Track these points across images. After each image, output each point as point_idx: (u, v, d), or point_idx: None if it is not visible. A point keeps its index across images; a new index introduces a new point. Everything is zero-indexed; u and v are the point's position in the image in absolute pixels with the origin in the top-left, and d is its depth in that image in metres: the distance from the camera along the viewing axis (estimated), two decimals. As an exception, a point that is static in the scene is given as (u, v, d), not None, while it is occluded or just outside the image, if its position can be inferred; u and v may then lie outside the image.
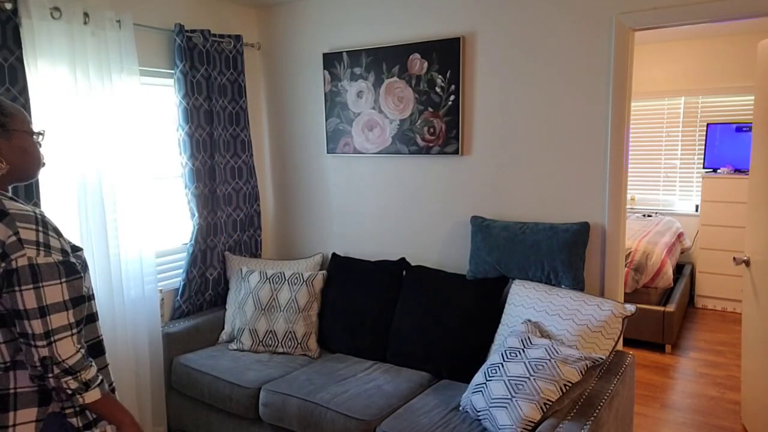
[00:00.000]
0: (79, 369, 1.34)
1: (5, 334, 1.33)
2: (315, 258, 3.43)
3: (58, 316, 1.31)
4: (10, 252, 1.27)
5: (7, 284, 1.26)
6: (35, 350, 1.28)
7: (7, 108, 1.43)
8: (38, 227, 1.34)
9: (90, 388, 1.36)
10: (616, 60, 2.57)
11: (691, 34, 5.30)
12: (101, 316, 2.79)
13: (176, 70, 3.11)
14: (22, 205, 1.38)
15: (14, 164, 1.45)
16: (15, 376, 1.35)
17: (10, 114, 1.44)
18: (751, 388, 3.00)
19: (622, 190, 2.66)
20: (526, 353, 2.21)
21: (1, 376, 1.33)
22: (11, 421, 1.33)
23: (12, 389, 1.34)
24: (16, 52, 2.42)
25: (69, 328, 1.33)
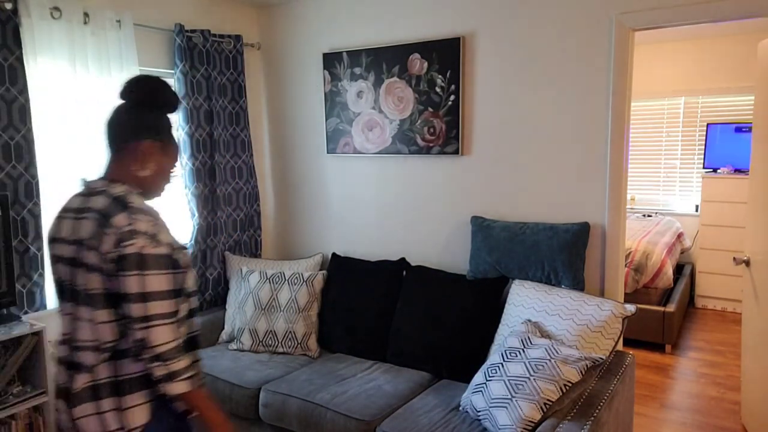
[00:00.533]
0: (169, 358, 1.39)
1: (112, 315, 1.42)
2: (315, 258, 3.43)
3: (157, 304, 1.38)
4: (124, 239, 1.37)
5: (119, 268, 1.37)
6: (132, 332, 1.38)
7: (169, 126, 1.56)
8: (152, 220, 1.44)
9: (175, 379, 1.40)
10: (616, 60, 2.57)
11: (691, 34, 5.30)
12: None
13: (176, 70, 3.11)
14: (144, 202, 1.49)
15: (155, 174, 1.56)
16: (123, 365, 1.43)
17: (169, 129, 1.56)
18: (751, 388, 3.00)
19: (622, 190, 2.66)
20: (526, 353, 2.21)
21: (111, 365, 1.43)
22: (126, 404, 1.43)
23: (122, 376, 1.43)
24: (16, 52, 2.42)
25: (165, 317, 1.40)
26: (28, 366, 2.37)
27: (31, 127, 2.48)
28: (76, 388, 1.43)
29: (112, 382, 1.44)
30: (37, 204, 2.51)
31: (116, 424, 1.43)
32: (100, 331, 1.42)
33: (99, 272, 1.39)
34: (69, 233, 1.46)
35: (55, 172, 2.62)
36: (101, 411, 1.42)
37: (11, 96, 2.42)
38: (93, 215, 1.42)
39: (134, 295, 1.36)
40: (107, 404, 1.43)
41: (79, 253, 1.42)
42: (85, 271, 1.41)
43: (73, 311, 1.46)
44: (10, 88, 2.41)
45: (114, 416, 1.43)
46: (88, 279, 1.41)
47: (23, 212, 2.48)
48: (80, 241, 1.42)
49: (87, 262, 1.40)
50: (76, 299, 1.45)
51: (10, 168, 2.43)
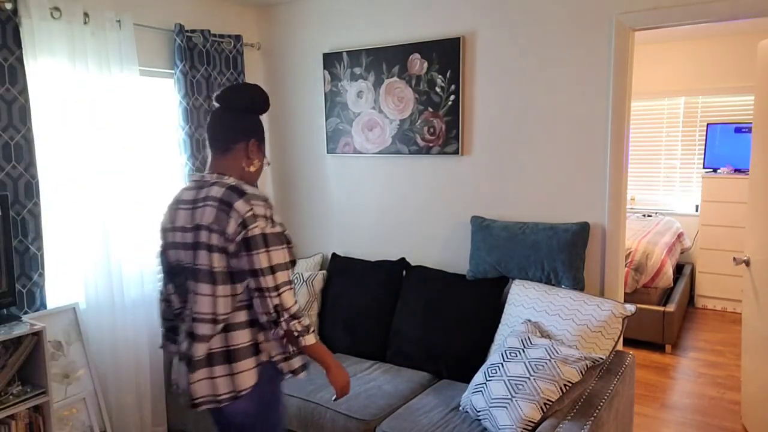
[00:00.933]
0: (299, 316, 1.66)
1: (229, 290, 1.64)
2: (315, 258, 3.43)
3: (282, 273, 1.63)
4: (248, 223, 1.59)
5: (245, 248, 1.59)
6: (269, 300, 1.61)
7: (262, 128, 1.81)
8: (266, 205, 1.65)
9: (308, 332, 1.68)
10: (616, 60, 2.57)
11: (691, 34, 5.30)
12: (101, 315, 2.79)
13: (176, 70, 3.11)
14: (257, 190, 1.70)
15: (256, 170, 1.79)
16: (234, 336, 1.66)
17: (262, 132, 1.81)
18: (751, 388, 3.00)
19: (622, 190, 2.66)
20: (526, 353, 2.21)
21: (223, 336, 1.66)
22: (237, 369, 1.66)
23: (234, 345, 1.66)
24: (16, 52, 2.42)
25: (289, 284, 1.65)
26: (28, 366, 2.37)
27: (31, 127, 2.48)
28: (198, 356, 1.65)
29: (224, 351, 1.66)
30: (37, 204, 2.51)
31: (226, 389, 1.66)
32: (218, 305, 1.64)
33: (223, 252, 1.61)
34: (187, 221, 1.68)
35: (55, 172, 2.62)
36: (214, 376, 1.65)
37: (11, 96, 2.42)
38: (213, 203, 1.63)
39: (265, 269, 1.60)
40: (219, 371, 1.66)
41: (201, 236, 1.64)
42: (207, 252, 1.62)
43: (192, 289, 1.67)
44: (10, 88, 2.41)
45: (225, 381, 1.66)
46: (212, 258, 1.62)
47: (23, 212, 2.48)
48: (201, 226, 1.64)
49: (211, 243, 1.62)
50: (196, 278, 1.66)
51: (10, 168, 2.43)
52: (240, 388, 1.66)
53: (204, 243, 1.63)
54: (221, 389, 1.66)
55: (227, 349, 1.66)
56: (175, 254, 1.73)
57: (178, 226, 1.71)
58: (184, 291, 1.74)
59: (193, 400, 1.69)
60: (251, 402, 1.70)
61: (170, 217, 1.75)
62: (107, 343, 2.81)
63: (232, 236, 1.59)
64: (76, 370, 2.68)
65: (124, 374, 2.86)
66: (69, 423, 2.63)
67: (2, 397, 2.27)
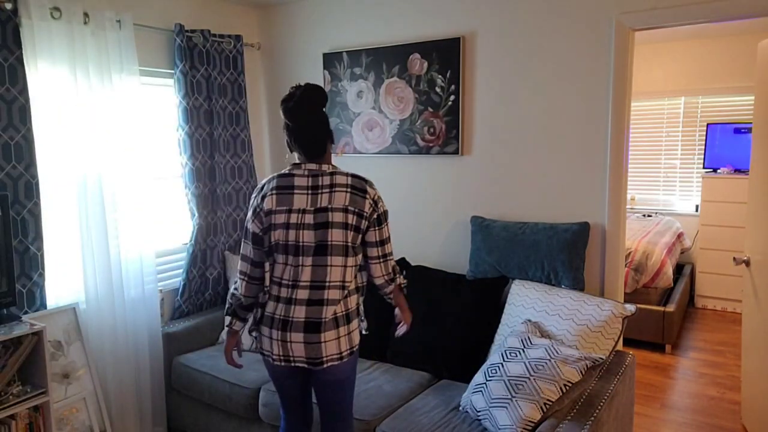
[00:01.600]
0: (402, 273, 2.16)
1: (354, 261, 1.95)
2: (315, 258, 3.43)
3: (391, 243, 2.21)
4: (378, 203, 1.97)
5: (377, 223, 1.97)
6: (389, 263, 2.04)
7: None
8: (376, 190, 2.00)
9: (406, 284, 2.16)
10: (616, 60, 2.57)
11: (691, 34, 5.30)
12: (101, 315, 2.79)
13: (176, 70, 3.11)
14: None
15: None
16: (349, 301, 1.95)
17: None
18: (751, 388, 3.00)
19: (622, 190, 2.66)
20: (526, 353, 2.22)
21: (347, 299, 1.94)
22: (352, 329, 1.95)
23: (349, 309, 1.95)
24: (16, 52, 2.42)
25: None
26: (28, 366, 2.37)
27: (31, 127, 2.48)
28: (327, 318, 1.88)
29: (344, 314, 1.93)
30: (37, 204, 2.52)
31: (347, 346, 1.93)
32: (346, 273, 1.92)
33: (357, 229, 1.91)
34: (309, 204, 1.91)
35: (55, 172, 2.62)
36: (339, 336, 1.90)
37: (11, 96, 2.42)
38: (344, 189, 1.91)
39: (387, 238, 2.01)
40: (343, 331, 1.91)
41: (334, 217, 1.89)
42: (343, 230, 1.89)
43: (319, 262, 1.89)
44: (10, 88, 2.41)
45: (346, 339, 1.92)
46: (347, 235, 1.90)
47: (23, 212, 2.48)
48: (334, 209, 1.89)
49: (348, 222, 1.90)
50: (324, 252, 1.89)
51: (10, 168, 2.43)
52: (353, 346, 1.95)
53: (339, 222, 1.89)
54: (344, 347, 1.91)
55: (346, 312, 1.94)
56: (285, 234, 1.91)
57: (295, 208, 1.91)
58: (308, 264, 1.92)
59: (322, 359, 1.88)
60: (354, 358, 1.99)
61: (278, 201, 1.92)
62: (107, 343, 2.81)
63: (368, 215, 1.93)
64: (76, 370, 2.68)
65: (124, 374, 2.86)
66: (69, 423, 2.63)
67: (2, 397, 2.27)
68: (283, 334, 1.89)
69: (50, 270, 2.64)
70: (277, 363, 1.94)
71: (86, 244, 2.71)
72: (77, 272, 2.73)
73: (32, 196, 2.50)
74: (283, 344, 1.89)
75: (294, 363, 1.91)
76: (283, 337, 1.89)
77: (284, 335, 1.89)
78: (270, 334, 1.92)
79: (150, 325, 2.98)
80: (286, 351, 1.90)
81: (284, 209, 1.91)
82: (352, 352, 1.94)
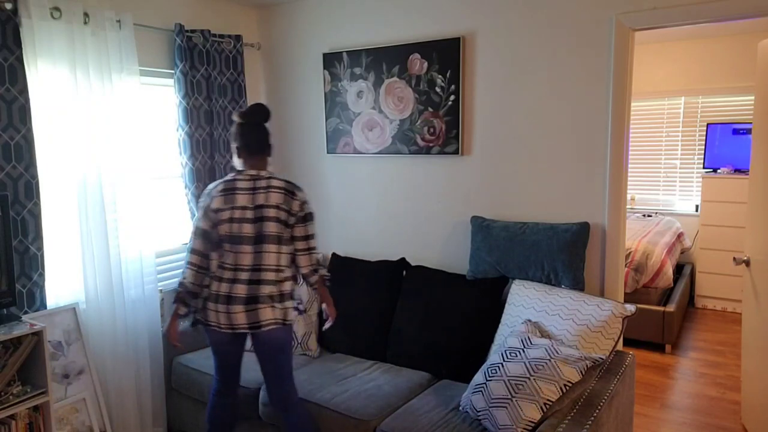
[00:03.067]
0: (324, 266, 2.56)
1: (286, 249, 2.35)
2: (315, 258, 3.43)
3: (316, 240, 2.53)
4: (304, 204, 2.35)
5: (303, 221, 2.35)
6: (313, 255, 2.40)
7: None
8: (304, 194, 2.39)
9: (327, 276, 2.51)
10: (616, 60, 2.57)
11: (691, 34, 5.30)
12: (101, 315, 2.79)
13: (176, 70, 3.11)
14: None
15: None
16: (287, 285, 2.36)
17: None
18: (751, 388, 3.00)
19: (622, 190, 2.66)
20: (526, 353, 2.21)
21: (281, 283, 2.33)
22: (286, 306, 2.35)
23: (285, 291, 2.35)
24: (16, 52, 2.42)
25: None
26: (28, 366, 2.37)
27: (31, 127, 2.48)
28: (262, 294, 2.29)
29: (279, 294, 2.33)
30: (37, 204, 2.51)
31: (281, 316, 2.33)
32: (281, 259, 2.33)
33: (284, 224, 2.31)
34: (249, 202, 2.30)
35: (55, 172, 2.62)
36: (274, 308, 2.31)
37: (11, 96, 2.42)
38: (279, 190, 2.31)
39: (312, 235, 2.37)
40: (277, 305, 2.32)
41: (268, 212, 2.29)
42: (276, 223, 2.29)
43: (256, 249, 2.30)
44: (10, 88, 2.41)
45: (280, 312, 2.32)
46: (278, 227, 2.30)
47: (23, 212, 2.48)
48: (267, 206, 2.29)
49: (279, 217, 2.29)
50: (262, 241, 2.29)
51: (10, 168, 2.43)
52: (287, 318, 2.35)
53: (273, 217, 2.29)
54: (278, 316, 2.32)
55: (280, 293, 2.33)
56: (230, 227, 2.31)
57: (238, 206, 2.30)
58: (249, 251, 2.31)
59: (260, 322, 2.29)
60: (287, 331, 2.38)
61: (224, 201, 2.31)
62: (107, 343, 2.81)
63: (295, 212, 2.32)
64: (76, 370, 2.68)
65: (124, 374, 2.86)
66: (69, 423, 2.63)
67: (2, 397, 2.27)
68: (228, 307, 2.28)
69: (50, 270, 2.64)
70: (223, 331, 2.33)
71: (86, 244, 2.71)
72: (77, 272, 2.73)
73: (32, 196, 2.50)
74: (227, 315, 2.29)
75: (237, 330, 2.31)
76: (228, 309, 2.28)
77: (228, 308, 2.28)
78: (216, 308, 2.30)
79: (150, 325, 2.98)
80: (230, 320, 2.29)
81: (228, 207, 2.31)
82: (285, 323, 2.34)
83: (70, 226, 2.68)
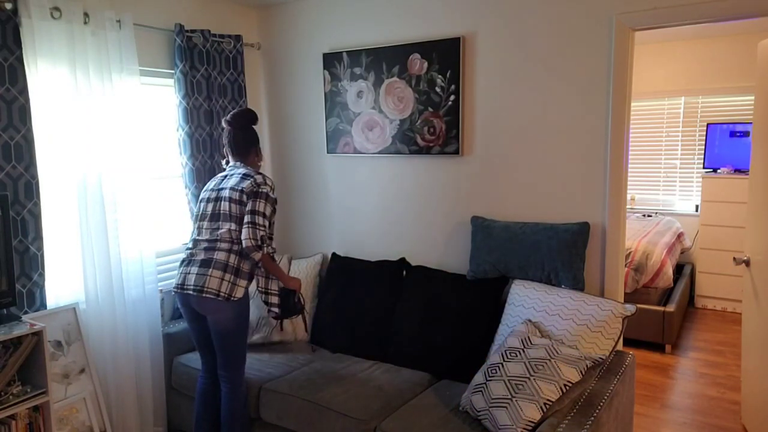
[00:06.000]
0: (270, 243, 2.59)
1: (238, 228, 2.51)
2: (315, 258, 3.43)
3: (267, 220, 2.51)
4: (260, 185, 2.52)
5: (253, 197, 2.49)
6: (258, 231, 2.45)
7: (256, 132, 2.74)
8: (272, 185, 2.58)
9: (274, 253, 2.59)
10: (616, 60, 2.57)
11: (691, 34, 5.30)
12: (101, 315, 2.79)
13: (176, 70, 3.11)
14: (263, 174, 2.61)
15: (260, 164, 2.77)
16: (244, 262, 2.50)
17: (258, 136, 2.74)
18: (751, 388, 3.00)
19: (622, 190, 2.66)
20: (526, 353, 2.22)
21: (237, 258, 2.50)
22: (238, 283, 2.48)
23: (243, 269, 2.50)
24: (16, 52, 2.42)
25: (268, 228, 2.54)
26: (28, 366, 2.36)
27: (31, 127, 2.48)
28: (216, 259, 2.46)
29: (234, 267, 2.48)
30: (37, 204, 2.51)
31: (226, 290, 2.44)
32: (233, 234, 2.50)
33: (238, 203, 2.50)
34: (216, 186, 2.60)
35: (55, 172, 2.62)
36: (223, 279, 2.44)
37: (11, 96, 2.42)
38: (238, 175, 2.56)
39: (260, 211, 2.47)
40: (228, 277, 2.45)
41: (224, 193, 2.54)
42: (228, 202, 2.51)
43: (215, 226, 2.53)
44: (10, 88, 2.41)
45: (227, 285, 2.45)
46: (231, 207, 2.51)
47: (23, 212, 2.48)
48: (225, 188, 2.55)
49: (232, 197, 2.51)
50: (218, 219, 2.53)
51: (10, 168, 2.43)
52: (234, 295, 2.45)
53: (227, 197, 2.52)
54: (224, 288, 2.43)
55: (236, 267, 2.48)
56: (201, 206, 2.62)
57: (208, 188, 2.63)
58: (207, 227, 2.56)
59: (203, 287, 2.42)
60: (234, 310, 2.47)
61: (206, 186, 2.68)
62: (107, 343, 2.81)
63: (247, 191, 2.50)
64: (76, 370, 2.68)
65: (124, 374, 2.86)
66: (69, 423, 2.63)
67: (2, 397, 2.27)
68: (187, 268, 2.51)
69: (50, 270, 2.64)
70: (176, 291, 2.53)
71: (86, 244, 2.71)
72: (77, 272, 2.73)
73: (32, 196, 2.50)
74: (184, 276, 2.50)
75: (185, 290, 2.47)
76: (186, 270, 2.51)
77: (187, 269, 2.51)
78: (180, 270, 2.54)
79: (150, 325, 2.98)
80: (183, 280, 2.49)
81: (204, 190, 2.65)
82: (230, 299, 2.43)
83: (70, 226, 2.68)
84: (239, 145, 2.64)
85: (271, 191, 2.55)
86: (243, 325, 2.55)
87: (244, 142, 2.65)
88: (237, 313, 2.49)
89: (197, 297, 2.44)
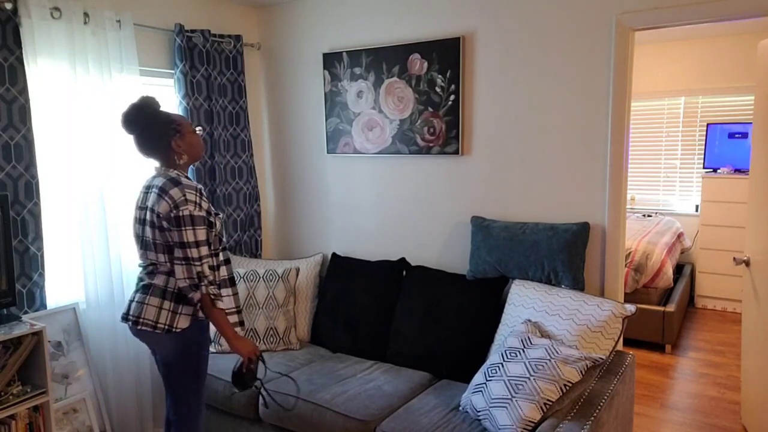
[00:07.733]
0: (216, 284, 2.08)
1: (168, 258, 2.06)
2: (315, 258, 3.43)
3: (203, 248, 2.04)
4: (180, 206, 2.00)
5: (175, 225, 2.00)
6: (194, 267, 2.01)
7: (176, 119, 2.14)
8: (196, 193, 2.05)
9: (221, 300, 2.09)
10: (616, 60, 2.57)
11: (691, 34, 5.29)
12: (101, 315, 2.79)
13: (176, 70, 3.11)
14: (191, 181, 2.10)
15: (189, 155, 2.17)
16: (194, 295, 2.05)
17: (179, 122, 2.14)
18: (751, 388, 3.00)
19: (622, 190, 2.66)
20: (526, 353, 2.21)
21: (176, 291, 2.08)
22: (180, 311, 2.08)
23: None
24: (16, 52, 2.42)
25: (209, 258, 2.06)
26: (28, 366, 2.36)
27: (31, 127, 2.48)
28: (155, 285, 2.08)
29: (175, 294, 2.08)
30: (37, 204, 2.51)
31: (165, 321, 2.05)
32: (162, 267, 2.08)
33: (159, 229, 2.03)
34: (141, 202, 2.13)
35: (55, 172, 2.62)
36: (162, 308, 2.06)
37: (11, 96, 2.42)
38: (156, 190, 2.05)
39: (191, 242, 2.00)
40: (167, 305, 2.07)
41: (146, 215, 2.07)
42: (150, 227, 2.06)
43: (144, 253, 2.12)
44: (10, 88, 2.41)
45: (167, 315, 2.06)
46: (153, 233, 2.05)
47: (23, 212, 2.48)
48: (147, 208, 2.07)
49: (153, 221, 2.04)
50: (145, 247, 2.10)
51: (10, 168, 2.43)
52: (174, 325, 2.06)
53: (148, 220, 2.07)
54: (162, 319, 2.06)
55: (177, 293, 2.09)
56: (134, 226, 2.18)
57: (137, 204, 2.18)
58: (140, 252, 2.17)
59: (139, 318, 2.07)
60: (176, 343, 2.09)
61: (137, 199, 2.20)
62: (107, 343, 2.81)
63: (164, 216, 2.01)
64: (76, 370, 2.68)
65: (124, 374, 2.86)
66: (69, 423, 2.63)
67: (2, 397, 2.27)
68: (133, 294, 2.16)
69: (50, 270, 2.64)
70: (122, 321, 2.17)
71: (86, 244, 2.71)
72: (77, 272, 2.73)
73: (32, 196, 2.50)
74: (128, 303, 2.16)
75: (127, 320, 2.12)
76: (131, 296, 2.16)
77: (133, 295, 2.15)
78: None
79: (150, 325, 2.98)
80: (127, 308, 2.15)
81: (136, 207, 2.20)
82: (171, 330, 2.05)
83: (70, 226, 2.68)
84: (149, 149, 2.11)
85: (196, 207, 2.01)
86: (192, 363, 2.12)
87: (151, 142, 2.09)
88: (182, 348, 2.10)
89: (134, 329, 2.12)
